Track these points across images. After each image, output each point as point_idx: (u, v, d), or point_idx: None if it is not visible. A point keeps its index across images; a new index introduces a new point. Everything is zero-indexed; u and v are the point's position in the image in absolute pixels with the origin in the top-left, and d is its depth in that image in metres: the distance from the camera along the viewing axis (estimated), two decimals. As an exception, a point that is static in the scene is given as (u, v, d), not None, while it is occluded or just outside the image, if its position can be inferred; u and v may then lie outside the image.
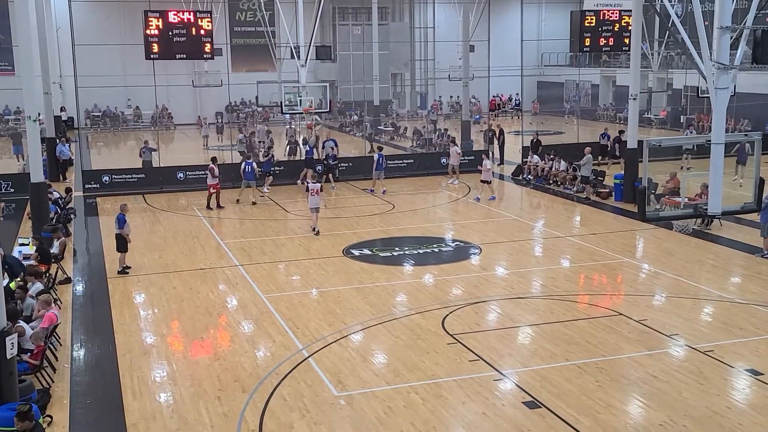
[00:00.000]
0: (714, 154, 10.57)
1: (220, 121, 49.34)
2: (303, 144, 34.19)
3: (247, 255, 19.68)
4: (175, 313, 15.49)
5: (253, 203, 26.19)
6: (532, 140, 31.98)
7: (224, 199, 26.01)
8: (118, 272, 18.02)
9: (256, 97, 48.10)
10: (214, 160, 26.35)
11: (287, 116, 41.27)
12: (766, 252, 18.36)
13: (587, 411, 10.95)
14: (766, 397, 11.33)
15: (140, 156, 31.63)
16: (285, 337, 14.05)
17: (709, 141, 10.71)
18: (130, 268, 18.22)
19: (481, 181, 26.29)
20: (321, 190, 22.60)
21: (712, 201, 10.69)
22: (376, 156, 28.22)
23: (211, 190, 25.43)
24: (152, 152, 31.48)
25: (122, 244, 18.11)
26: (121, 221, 17.94)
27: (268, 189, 28.22)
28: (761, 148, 11.41)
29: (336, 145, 30.70)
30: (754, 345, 13.23)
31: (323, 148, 31.11)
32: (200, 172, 30.10)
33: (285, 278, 17.99)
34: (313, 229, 21.72)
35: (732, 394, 11.57)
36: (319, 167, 29.83)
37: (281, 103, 30.23)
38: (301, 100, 29.38)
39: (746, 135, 13.64)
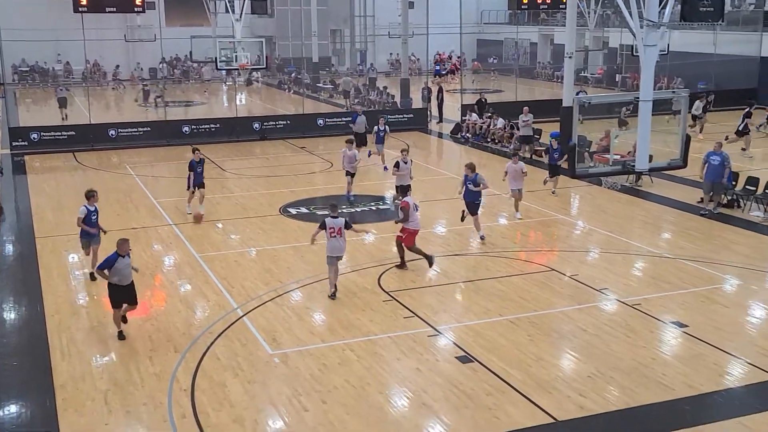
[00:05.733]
0: (642, 111, 10.71)
1: (155, 77, 48.13)
2: None
3: (182, 214, 19.35)
4: (107, 274, 15.16)
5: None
6: (479, 100, 31.96)
7: (157, 156, 25.46)
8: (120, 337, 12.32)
9: (190, 53, 47.04)
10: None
11: (223, 72, 40.46)
12: (707, 209, 18.75)
13: (519, 364, 11.15)
14: (690, 348, 11.71)
15: (56, 95, 30.69)
16: (219, 296, 13.91)
17: (638, 98, 10.84)
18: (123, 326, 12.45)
19: (397, 187, 19.08)
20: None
21: (639, 158, 10.87)
22: (375, 128, 25.21)
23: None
24: (67, 90, 30.53)
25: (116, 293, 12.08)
26: (109, 262, 11.93)
27: None
28: (688, 106, 11.62)
29: None
30: (681, 298, 13.62)
31: None
32: (132, 130, 29.48)
33: (220, 237, 17.76)
34: None
35: (658, 346, 11.92)
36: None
37: (216, 58, 29.61)
38: (237, 56, 28.83)
39: (674, 92, 13.83)
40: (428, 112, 34.05)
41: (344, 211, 18.67)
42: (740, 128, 26.12)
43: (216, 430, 9.51)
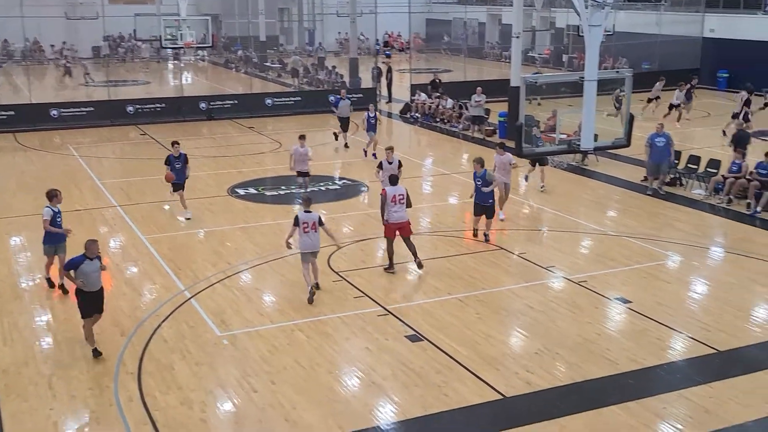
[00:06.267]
0: (586, 91, 10.84)
1: (98, 56, 47.03)
2: None
3: (126, 195, 19.01)
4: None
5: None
6: (433, 80, 31.84)
7: (101, 137, 24.95)
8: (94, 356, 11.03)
9: (134, 31, 46.04)
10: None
11: (168, 51, 39.75)
12: (652, 189, 19.03)
13: (467, 342, 11.26)
14: (634, 324, 11.96)
15: None
16: (166, 278, 13.73)
17: (582, 78, 10.96)
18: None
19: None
20: None
21: (584, 137, 11.01)
22: (366, 114, 23.76)
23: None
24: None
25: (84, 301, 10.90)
26: (74, 263, 10.70)
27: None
28: (632, 86, 11.81)
29: None
30: (625, 275, 13.89)
31: None
32: (75, 110, 28.81)
33: (167, 219, 17.50)
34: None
35: (603, 322, 12.15)
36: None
37: (161, 37, 29.06)
38: (182, 35, 28.33)
39: (617, 72, 14.01)
40: (377, 92, 33.96)
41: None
42: (741, 118, 25.92)
43: (164, 413, 9.41)
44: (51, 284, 13.25)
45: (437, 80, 31.75)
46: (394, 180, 14.33)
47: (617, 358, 10.80)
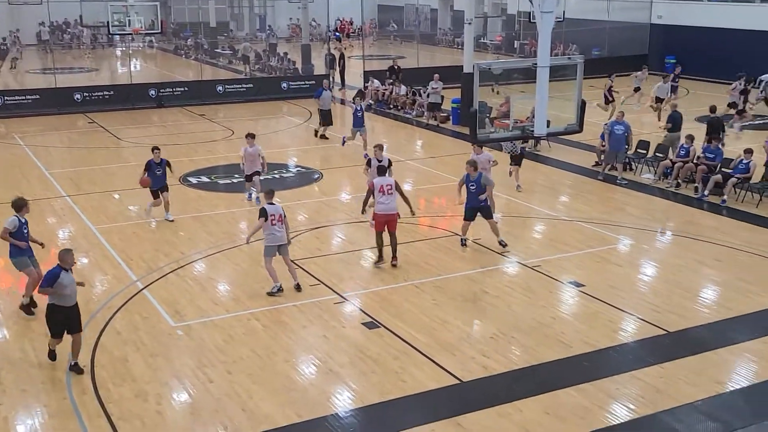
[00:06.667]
0: (539, 77, 10.94)
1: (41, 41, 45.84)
2: None
3: (76, 185, 18.63)
4: (-4, 249, 14.46)
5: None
6: (391, 67, 31.65)
7: (48, 125, 24.38)
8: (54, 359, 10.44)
9: (81, 17, 44.98)
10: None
11: (116, 37, 38.95)
12: (603, 174, 19.23)
13: (424, 328, 11.31)
14: (587, 307, 12.15)
15: None
16: (118, 269, 13.50)
17: (535, 64, 11.06)
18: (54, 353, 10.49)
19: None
20: None
21: (538, 123, 11.12)
22: (354, 108, 22.07)
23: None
24: None
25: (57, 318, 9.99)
26: (52, 277, 9.80)
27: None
28: (583, 72, 11.95)
29: None
30: (578, 259, 14.09)
31: None
32: (20, 97, 28.13)
33: (117, 209, 17.20)
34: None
35: (557, 306, 12.32)
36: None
37: (109, 23, 28.45)
38: (130, 20, 27.77)
39: (570, 58, 14.16)
40: (331, 79, 33.79)
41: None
42: (739, 108, 25.78)
43: (118, 406, 9.27)
44: (30, 310, 11.63)
45: (396, 66, 31.62)
46: (382, 171, 13.96)
47: (571, 340, 10.96)
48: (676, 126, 20.36)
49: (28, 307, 11.67)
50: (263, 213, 12.20)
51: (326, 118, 23.84)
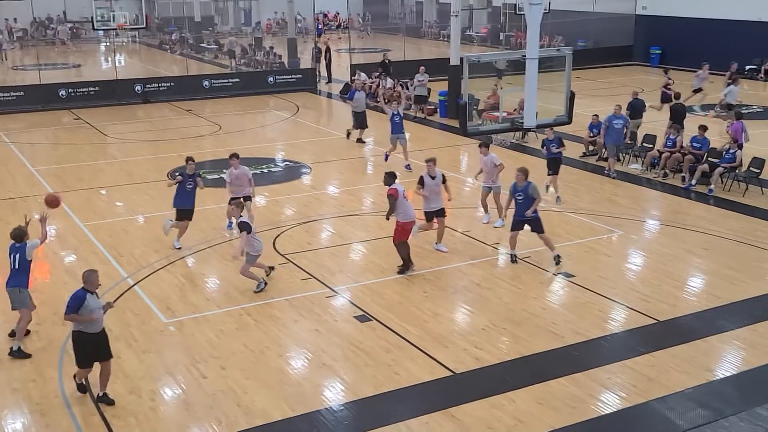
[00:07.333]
0: (528, 69, 10.96)
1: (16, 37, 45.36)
2: None
3: (63, 182, 18.52)
4: (-16, 247, 14.37)
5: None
6: (382, 61, 31.41)
7: (32, 122, 24.17)
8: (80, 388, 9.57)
9: (64, 12, 44.64)
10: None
11: (100, 33, 38.68)
12: (609, 171, 18.95)
13: (415, 321, 11.34)
14: (577, 297, 12.21)
15: None
16: (108, 266, 13.44)
17: (524, 56, 11.07)
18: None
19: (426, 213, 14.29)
20: None
21: (527, 115, 11.14)
22: (390, 113, 19.95)
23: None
24: None
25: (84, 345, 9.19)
26: (77, 302, 8.96)
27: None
28: (572, 63, 11.98)
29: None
30: (568, 250, 14.13)
31: None
32: (4, 94, 27.93)
33: (105, 205, 17.12)
34: None
35: (547, 296, 12.38)
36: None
37: (93, 18, 28.24)
38: (114, 15, 27.57)
39: (558, 50, 14.19)
40: (317, 73, 33.72)
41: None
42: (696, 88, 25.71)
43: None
44: (24, 354, 10.32)
45: (387, 61, 31.29)
46: (392, 176, 13.09)
47: (562, 331, 11.03)
48: (637, 113, 20.57)
49: (21, 351, 10.31)
50: (247, 227, 11.94)
51: (361, 121, 22.25)
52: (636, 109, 20.60)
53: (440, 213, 13.68)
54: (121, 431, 8.77)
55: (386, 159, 19.50)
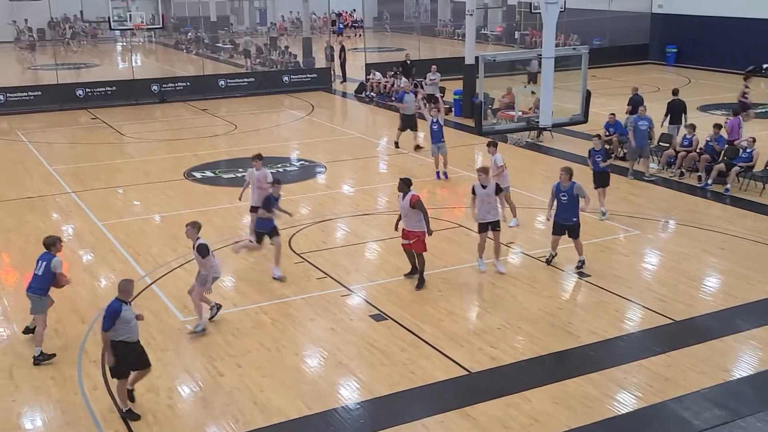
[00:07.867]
0: (545, 68, 10.93)
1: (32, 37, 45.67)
2: None
3: (81, 181, 18.67)
4: (2, 246, 14.54)
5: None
6: (404, 62, 31.12)
7: (50, 122, 24.36)
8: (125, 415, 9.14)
9: (81, 12, 44.94)
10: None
11: (117, 33, 38.92)
12: (646, 172, 18.59)
13: (430, 319, 11.37)
14: (593, 297, 12.20)
15: None
16: (125, 264, 13.56)
17: (540, 55, 11.05)
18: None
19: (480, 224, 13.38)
20: None
21: (543, 114, 11.10)
22: (429, 120, 18.68)
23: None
24: None
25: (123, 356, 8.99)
26: (113, 314, 8.79)
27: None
28: (588, 62, 11.94)
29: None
30: (584, 249, 14.06)
31: None
32: (22, 94, 28.16)
33: (122, 204, 17.25)
34: None
35: (562, 296, 12.37)
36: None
37: (110, 18, 28.44)
38: (131, 15, 27.75)
39: (574, 49, 14.16)
40: (332, 72, 33.79)
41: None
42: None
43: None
44: (47, 356, 10.29)
45: (408, 61, 30.97)
46: (408, 183, 12.39)
47: (578, 330, 11.02)
48: (636, 110, 20.48)
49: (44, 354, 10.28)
50: (207, 250, 10.91)
51: (411, 124, 21.51)
52: (636, 105, 20.43)
53: (495, 225, 13.04)
54: (139, 429, 8.85)
55: (438, 177, 18.75)
